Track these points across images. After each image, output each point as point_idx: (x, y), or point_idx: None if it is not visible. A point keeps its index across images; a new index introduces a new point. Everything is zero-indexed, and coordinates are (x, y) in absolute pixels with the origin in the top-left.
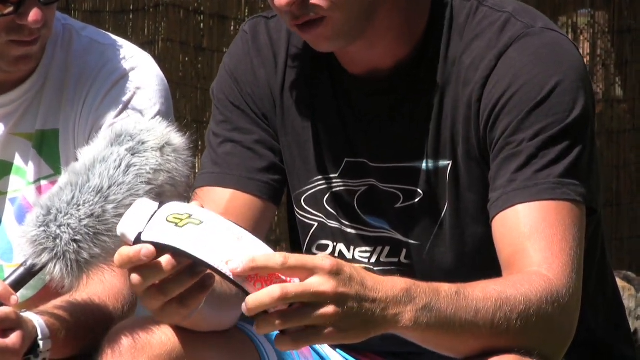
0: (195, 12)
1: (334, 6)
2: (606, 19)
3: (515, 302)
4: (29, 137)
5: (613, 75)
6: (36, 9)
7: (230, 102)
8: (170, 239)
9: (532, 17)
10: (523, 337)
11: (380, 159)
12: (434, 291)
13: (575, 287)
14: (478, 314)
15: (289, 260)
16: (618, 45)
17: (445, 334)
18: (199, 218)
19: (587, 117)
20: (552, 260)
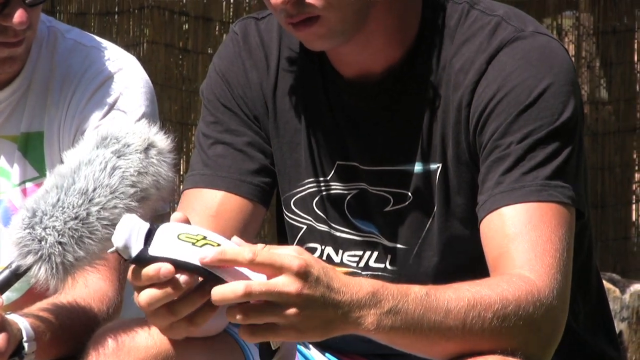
0: (180, 14)
1: (329, 5)
2: (591, 21)
3: (490, 301)
4: (14, 140)
5: (598, 77)
6: (21, 10)
7: (221, 104)
8: (192, 257)
9: (522, 20)
10: (502, 337)
11: (372, 162)
12: (402, 293)
13: (560, 288)
14: (449, 315)
15: (257, 257)
16: (603, 47)
17: (413, 336)
18: (215, 240)
19: (576, 120)
20: (535, 261)
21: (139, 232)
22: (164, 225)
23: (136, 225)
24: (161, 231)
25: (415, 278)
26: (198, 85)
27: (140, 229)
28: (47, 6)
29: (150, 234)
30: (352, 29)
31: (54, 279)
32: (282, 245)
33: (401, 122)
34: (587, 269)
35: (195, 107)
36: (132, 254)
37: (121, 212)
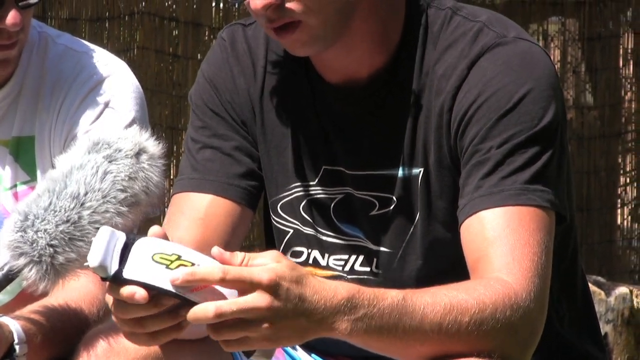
0: (170, 20)
1: (309, 10)
2: (576, 27)
3: (466, 305)
4: (6, 144)
5: (583, 82)
6: (14, 12)
7: (210, 109)
8: (165, 282)
9: (505, 26)
10: (479, 340)
11: (357, 166)
12: (378, 298)
13: (538, 290)
14: (425, 319)
15: (227, 275)
16: (588, 53)
17: (387, 339)
18: (189, 260)
19: (557, 125)
20: (513, 265)
21: (114, 249)
22: (140, 241)
23: (112, 241)
24: (136, 249)
25: (399, 281)
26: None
27: (116, 245)
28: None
29: (127, 248)
30: (334, 34)
31: (45, 280)
32: (261, 253)
33: (385, 127)
34: (573, 271)
35: (185, 112)
36: (108, 275)
37: (112, 216)
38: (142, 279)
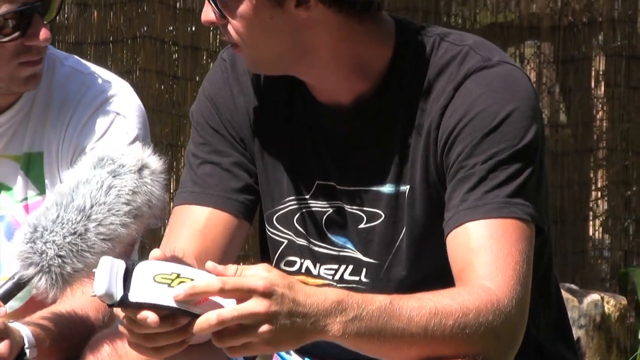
0: (170, 43)
1: (242, 42)
2: (551, 50)
3: (450, 310)
4: (17, 159)
5: (557, 102)
6: (44, 29)
7: (210, 126)
8: (169, 300)
9: (489, 50)
10: (464, 343)
11: (348, 182)
12: (367, 302)
13: (520, 297)
14: (411, 322)
15: (226, 285)
16: (562, 74)
17: (377, 342)
18: (188, 276)
19: (537, 143)
20: (496, 273)
21: (117, 277)
22: (139, 265)
23: (114, 269)
24: (138, 273)
25: (385, 290)
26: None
27: (118, 272)
28: None
29: (128, 274)
30: (275, 67)
31: (53, 289)
32: (252, 265)
33: (374, 146)
34: (548, 280)
35: (185, 130)
36: (115, 301)
37: (116, 228)
38: (147, 300)
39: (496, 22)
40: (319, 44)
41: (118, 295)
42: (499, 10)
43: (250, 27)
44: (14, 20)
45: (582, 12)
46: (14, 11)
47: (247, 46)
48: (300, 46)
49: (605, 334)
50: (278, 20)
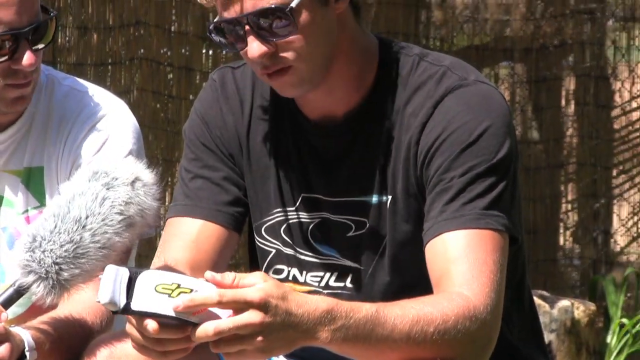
0: (165, 65)
1: (300, 57)
2: (524, 70)
3: (431, 317)
4: (18, 173)
5: (530, 120)
6: (29, 53)
7: (201, 143)
8: (169, 310)
9: (466, 70)
10: (443, 348)
11: (333, 194)
12: (355, 311)
13: (494, 304)
14: (395, 330)
15: (223, 298)
16: (534, 94)
17: (362, 347)
18: (188, 286)
19: (511, 158)
20: (472, 281)
21: (121, 285)
22: (142, 275)
23: (118, 277)
24: (140, 283)
25: (369, 295)
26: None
27: (122, 281)
28: (48, 57)
29: (131, 282)
30: (318, 78)
31: (51, 294)
32: (250, 273)
33: (359, 159)
34: (521, 287)
35: (179, 146)
36: (118, 309)
37: (111, 237)
38: (148, 309)
39: (472, 44)
40: (341, 47)
41: (121, 303)
42: (474, 34)
43: (309, 35)
44: (1, 44)
45: (553, 35)
46: (1, 35)
47: (302, 61)
48: (333, 48)
49: (575, 338)
50: (326, 19)
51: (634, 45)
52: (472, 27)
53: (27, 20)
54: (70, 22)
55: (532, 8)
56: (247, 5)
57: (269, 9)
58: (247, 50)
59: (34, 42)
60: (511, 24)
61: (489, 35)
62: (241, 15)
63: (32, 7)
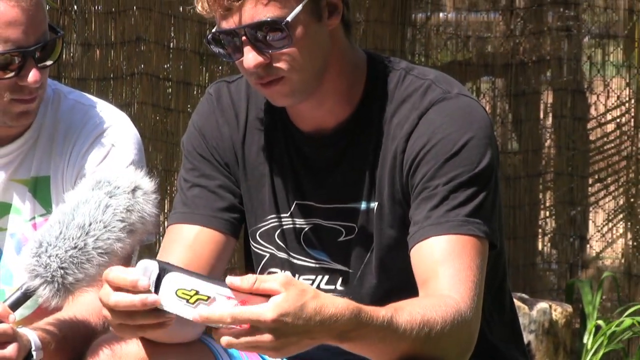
0: (164, 79)
1: (293, 69)
2: (504, 85)
3: (434, 322)
4: (26, 183)
5: (510, 131)
6: (34, 71)
7: (198, 153)
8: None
9: (449, 84)
10: (435, 348)
11: (325, 201)
12: (374, 317)
13: (476, 307)
14: (404, 335)
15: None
16: (514, 107)
17: (370, 348)
18: (206, 294)
19: (492, 168)
20: (459, 285)
21: (150, 280)
22: (168, 275)
23: (147, 272)
24: (165, 283)
25: (358, 295)
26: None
27: (151, 276)
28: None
29: (159, 279)
30: (310, 89)
31: (56, 297)
32: (270, 276)
33: (349, 168)
34: (502, 290)
35: (178, 156)
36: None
37: (113, 243)
38: (170, 310)
39: (455, 60)
40: (331, 60)
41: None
42: (457, 50)
43: (303, 48)
44: (8, 61)
45: (532, 51)
46: (7, 52)
47: (295, 72)
48: (324, 61)
49: (553, 339)
50: (319, 34)
51: (608, 61)
52: (455, 43)
53: (34, 39)
54: (74, 39)
55: (511, 26)
56: (246, 17)
57: (266, 22)
58: (243, 60)
59: (40, 59)
60: (492, 41)
61: (471, 51)
62: (239, 26)
63: (40, 27)
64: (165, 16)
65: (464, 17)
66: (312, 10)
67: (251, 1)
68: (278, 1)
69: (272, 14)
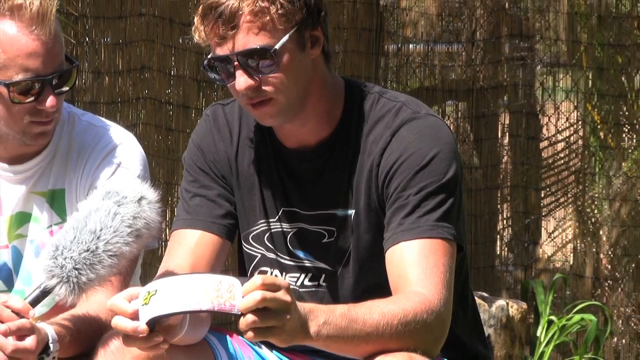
0: (166, 103)
1: (279, 91)
2: (466, 108)
3: (394, 313)
4: (44, 195)
5: (471, 149)
6: (52, 97)
7: (198, 167)
8: (143, 316)
9: (418, 105)
10: (406, 339)
11: (308, 207)
12: (330, 309)
13: (446, 299)
14: (366, 324)
15: (265, 280)
16: (475, 127)
17: (343, 342)
18: (154, 288)
19: (457, 179)
20: (426, 280)
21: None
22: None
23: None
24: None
25: (340, 293)
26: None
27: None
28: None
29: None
30: (294, 110)
31: (71, 295)
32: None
33: (329, 179)
34: (465, 289)
35: (178, 171)
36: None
37: (121, 246)
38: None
39: (423, 86)
40: (313, 85)
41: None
42: (425, 77)
43: (288, 74)
44: (29, 87)
45: (491, 78)
46: (27, 80)
47: (281, 94)
48: (307, 86)
49: (510, 332)
50: (303, 62)
51: (558, 87)
52: (422, 71)
53: (51, 68)
54: (86, 67)
55: (472, 56)
56: (238, 45)
57: (256, 49)
58: (235, 83)
59: (57, 86)
60: (455, 69)
61: (436, 78)
62: (232, 53)
63: (57, 58)
64: (166, 47)
65: (431, 48)
66: (297, 41)
67: (243, 31)
68: (267, 31)
69: (262, 42)
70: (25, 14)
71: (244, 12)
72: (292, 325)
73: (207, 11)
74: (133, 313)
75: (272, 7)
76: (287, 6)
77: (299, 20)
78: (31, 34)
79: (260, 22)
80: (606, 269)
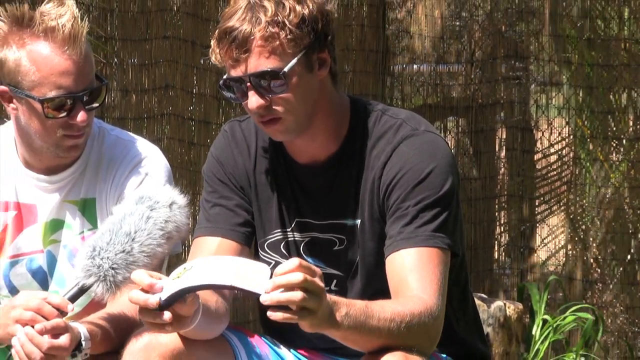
0: (189, 119)
1: (288, 110)
2: (466, 123)
3: (403, 314)
4: (76, 203)
5: (471, 162)
6: (82, 112)
7: (218, 179)
8: (180, 285)
9: (418, 122)
10: (407, 338)
11: (319, 218)
12: (352, 303)
13: (441, 304)
14: (380, 322)
15: (302, 264)
16: (474, 141)
17: (358, 334)
18: (191, 265)
19: (453, 192)
20: (426, 287)
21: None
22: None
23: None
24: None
25: (349, 295)
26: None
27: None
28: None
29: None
30: (302, 127)
31: (108, 293)
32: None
33: (338, 192)
34: (466, 291)
35: (199, 183)
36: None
37: (154, 247)
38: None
39: (426, 103)
40: (321, 104)
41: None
42: (428, 95)
43: (297, 94)
44: (62, 103)
45: (489, 96)
46: (60, 96)
47: (290, 113)
48: (314, 105)
49: (507, 331)
50: (310, 83)
51: (551, 104)
52: (426, 90)
53: (82, 86)
54: (114, 86)
55: (472, 75)
56: (250, 67)
57: (267, 72)
58: (247, 102)
59: (87, 102)
60: (456, 88)
61: (439, 96)
62: (245, 74)
63: (88, 76)
64: (189, 67)
65: (433, 69)
66: (305, 63)
67: (255, 54)
68: (277, 55)
69: (272, 65)
70: (58, 35)
71: (255, 37)
72: (324, 311)
73: (222, 35)
74: (149, 286)
75: (281, 33)
76: (295, 32)
77: (307, 45)
78: (63, 54)
79: (271, 47)
80: (596, 272)
